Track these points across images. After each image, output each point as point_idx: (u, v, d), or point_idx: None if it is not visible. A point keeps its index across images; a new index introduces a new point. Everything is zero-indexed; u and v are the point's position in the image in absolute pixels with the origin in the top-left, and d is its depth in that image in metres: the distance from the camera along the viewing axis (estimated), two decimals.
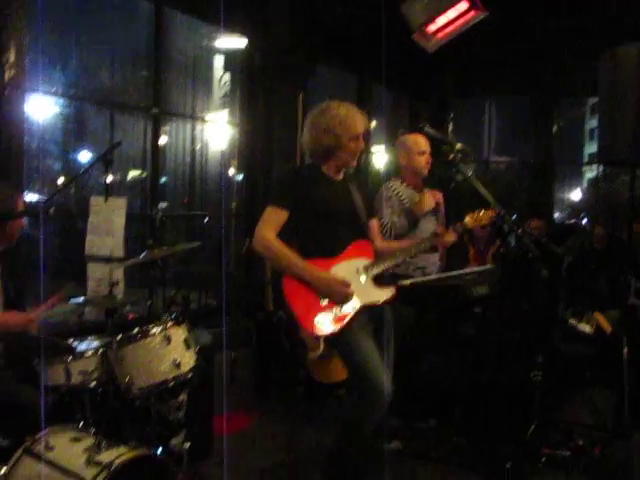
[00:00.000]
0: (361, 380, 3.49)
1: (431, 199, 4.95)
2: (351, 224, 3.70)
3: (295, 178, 3.75)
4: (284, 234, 3.62)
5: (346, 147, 3.64)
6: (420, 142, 4.80)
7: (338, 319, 3.48)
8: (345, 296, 3.50)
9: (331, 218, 3.64)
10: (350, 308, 3.50)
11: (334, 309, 3.49)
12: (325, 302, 3.50)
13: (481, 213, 3.79)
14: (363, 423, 3.56)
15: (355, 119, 3.65)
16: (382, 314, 3.70)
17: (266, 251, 3.59)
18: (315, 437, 4.61)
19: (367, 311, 3.57)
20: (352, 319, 3.49)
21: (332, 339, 3.58)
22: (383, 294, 3.62)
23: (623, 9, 7.11)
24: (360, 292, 3.54)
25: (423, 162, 4.80)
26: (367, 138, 3.90)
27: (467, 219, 3.86)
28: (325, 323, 3.48)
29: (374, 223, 3.98)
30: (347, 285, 3.50)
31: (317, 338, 4.46)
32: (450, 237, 3.87)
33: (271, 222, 3.60)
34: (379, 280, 3.65)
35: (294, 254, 3.55)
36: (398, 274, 4.57)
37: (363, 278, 3.60)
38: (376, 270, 3.63)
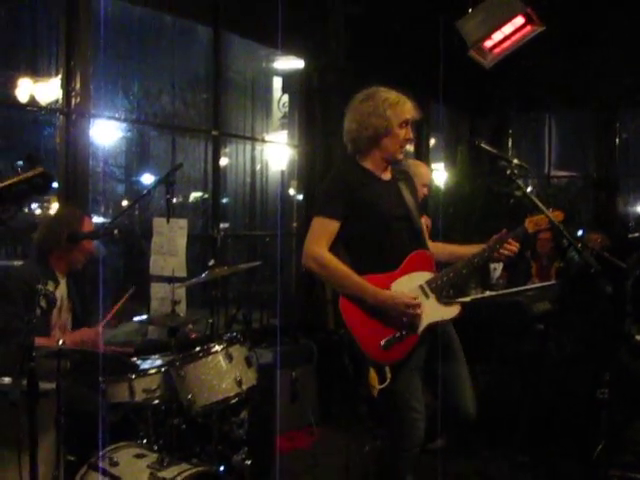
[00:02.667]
0: (397, 422, 3.31)
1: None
2: (407, 230, 3.36)
3: (341, 182, 3.39)
4: (333, 246, 3.30)
5: (394, 134, 3.33)
6: (425, 174, 4.67)
7: (405, 342, 3.20)
8: (416, 317, 3.19)
9: (385, 224, 3.30)
10: (414, 329, 3.21)
11: (401, 331, 3.20)
12: (388, 324, 3.19)
13: (540, 216, 3.56)
14: (396, 465, 3.34)
15: (406, 103, 3.37)
16: (448, 333, 3.46)
17: (317, 268, 3.24)
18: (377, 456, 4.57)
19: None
20: (420, 341, 3.23)
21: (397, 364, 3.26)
22: (449, 311, 3.32)
23: None
24: (426, 310, 3.23)
25: (425, 193, 4.61)
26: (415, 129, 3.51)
27: (526, 222, 3.53)
28: (391, 348, 3.19)
29: (424, 221, 3.64)
30: (418, 305, 3.19)
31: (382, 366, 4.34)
32: (513, 246, 3.43)
33: (320, 235, 3.27)
34: (443, 295, 3.34)
35: (350, 271, 3.21)
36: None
37: (427, 294, 3.28)
38: (440, 284, 3.31)
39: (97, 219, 5.32)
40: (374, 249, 3.32)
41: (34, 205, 6.31)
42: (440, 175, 9.91)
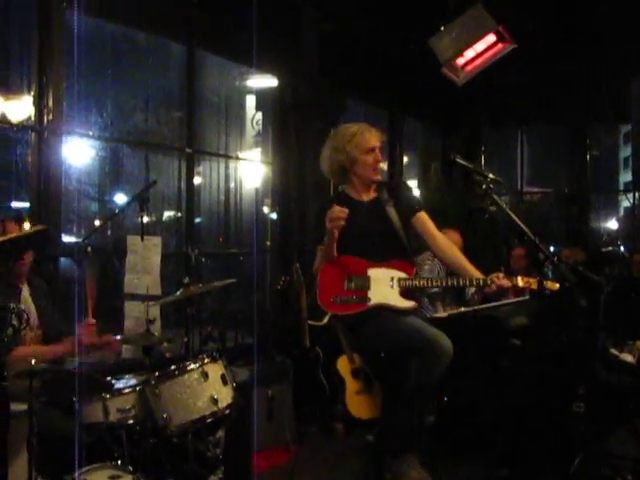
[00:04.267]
0: (412, 340, 3.55)
1: None
2: (387, 244, 3.77)
3: (321, 211, 3.82)
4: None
5: (362, 162, 3.75)
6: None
7: (347, 307, 3.67)
8: (336, 217, 3.57)
9: (365, 240, 3.74)
10: (362, 302, 3.65)
11: (353, 296, 3.65)
12: (347, 288, 3.65)
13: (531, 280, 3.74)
14: (430, 379, 3.57)
15: (365, 134, 3.77)
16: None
17: (316, 271, 3.87)
18: (354, 473, 4.55)
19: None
20: (361, 310, 3.64)
21: (360, 332, 3.77)
22: (403, 302, 3.69)
23: None
24: (382, 293, 3.66)
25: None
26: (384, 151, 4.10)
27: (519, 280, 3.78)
28: (335, 304, 3.70)
29: (423, 216, 3.94)
30: (342, 216, 3.58)
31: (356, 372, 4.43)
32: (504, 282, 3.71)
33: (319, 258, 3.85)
34: (407, 293, 3.71)
35: None
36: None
37: (393, 286, 3.68)
38: (409, 285, 3.70)
39: (70, 238, 5.25)
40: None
41: None
42: (414, 192, 9.95)
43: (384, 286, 3.67)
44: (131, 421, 3.57)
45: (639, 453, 4.65)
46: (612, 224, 14.63)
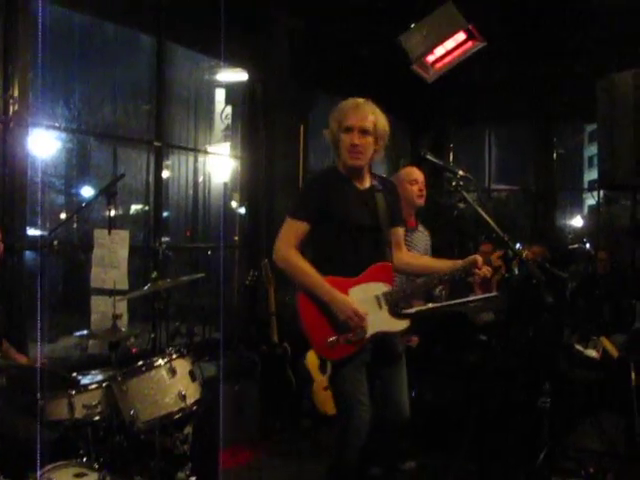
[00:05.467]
0: (344, 412, 3.41)
1: (423, 239, 4.82)
2: (374, 240, 3.47)
3: (315, 186, 3.53)
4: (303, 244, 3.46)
5: (340, 140, 3.42)
6: (412, 172, 4.68)
7: (350, 345, 3.34)
8: (360, 328, 3.31)
9: (352, 232, 3.42)
10: (363, 335, 3.34)
11: (348, 334, 3.32)
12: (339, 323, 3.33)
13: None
14: (343, 456, 3.42)
15: (347, 111, 3.42)
16: (393, 342, 3.56)
17: (284, 265, 3.40)
18: (320, 470, 4.55)
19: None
20: (364, 346, 3.36)
21: (335, 365, 3.46)
22: (398, 324, 3.44)
23: (618, 35, 7.18)
24: (375, 320, 3.37)
25: (415, 191, 4.61)
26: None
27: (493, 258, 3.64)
28: (336, 346, 3.33)
29: (400, 232, 3.71)
30: (363, 318, 3.31)
31: (324, 362, 4.39)
32: (485, 271, 3.50)
33: (290, 235, 3.41)
34: (396, 309, 3.45)
35: (314, 271, 3.35)
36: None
37: (381, 305, 3.40)
38: (395, 297, 3.43)
39: (35, 231, 5.17)
40: (338, 254, 3.44)
41: None
42: None
43: (372, 308, 3.37)
44: (97, 417, 3.54)
45: (602, 447, 4.72)
46: (577, 222, 14.85)
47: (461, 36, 5.61)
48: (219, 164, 7.42)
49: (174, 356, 3.67)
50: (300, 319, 3.38)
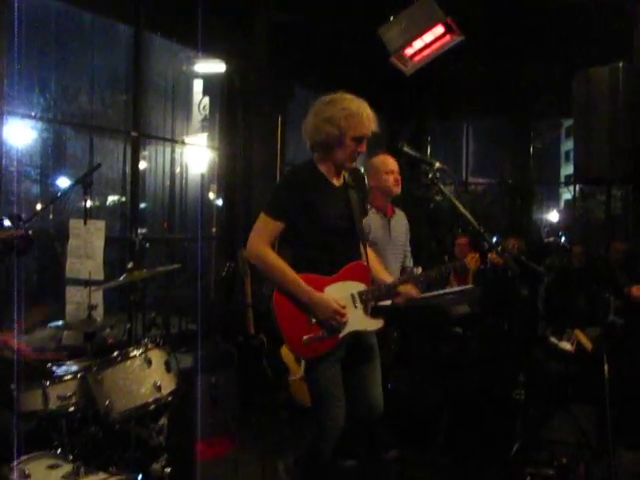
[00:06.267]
0: (318, 407, 3.40)
1: (402, 223, 4.81)
2: (349, 240, 3.46)
3: (293, 182, 3.43)
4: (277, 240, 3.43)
5: (346, 145, 3.35)
6: (387, 161, 4.65)
7: (325, 342, 3.32)
8: (339, 324, 3.31)
9: (328, 232, 3.38)
10: (338, 334, 3.33)
11: (322, 332, 3.31)
12: (313, 322, 3.31)
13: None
14: (317, 450, 3.43)
15: (364, 118, 3.34)
16: (367, 338, 3.55)
17: (258, 262, 3.34)
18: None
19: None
20: (338, 344, 3.35)
21: (310, 361, 3.44)
22: (373, 324, 3.45)
23: (595, 31, 7.24)
24: (351, 318, 3.36)
25: (391, 181, 4.59)
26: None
27: (468, 259, 3.72)
28: (311, 345, 3.30)
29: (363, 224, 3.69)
30: (344, 314, 3.32)
31: (299, 358, 4.40)
32: (411, 290, 3.60)
33: (263, 232, 3.35)
34: (371, 308, 3.46)
35: (289, 269, 3.31)
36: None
37: (356, 304, 3.41)
38: (370, 297, 3.44)
39: (9, 222, 5.12)
40: (314, 252, 3.39)
41: None
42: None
43: (347, 307, 3.35)
44: (72, 408, 3.51)
45: (575, 438, 4.78)
46: (553, 216, 14.98)
47: (440, 29, 5.60)
48: (196, 155, 7.40)
49: (149, 346, 3.65)
50: (276, 318, 3.34)
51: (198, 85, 7.67)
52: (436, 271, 3.65)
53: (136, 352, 3.58)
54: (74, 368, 3.74)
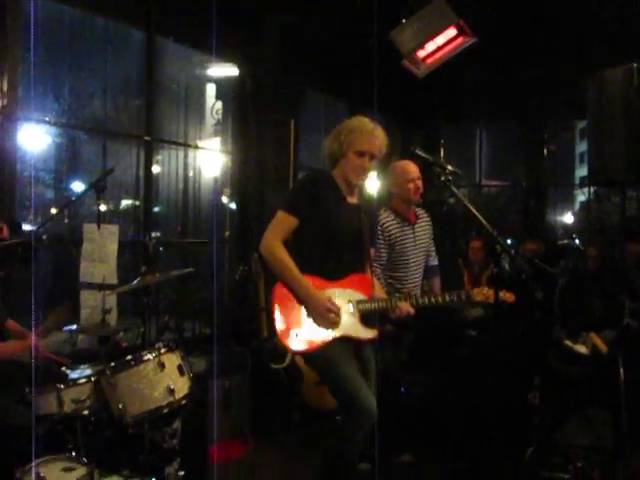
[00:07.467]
0: (345, 400, 3.42)
1: (426, 227, 4.83)
2: (356, 251, 3.59)
3: (312, 183, 3.58)
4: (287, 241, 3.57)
5: (348, 158, 3.54)
6: (409, 168, 4.67)
7: (312, 340, 3.43)
8: (332, 323, 3.43)
9: (338, 239, 3.53)
10: (327, 334, 3.43)
11: (312, 329, 3.43)
12: (308, 319, 3.43)
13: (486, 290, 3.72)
14: (351, 442, 3.46)
15: (363, 135, 3.55)
16: (363, 352, 3.61)
17: (269, 256, 3.49)
18: (311, 465, 4.55)
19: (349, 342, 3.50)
20: (326, 344, 3.43)
21: (309, 359, 3.58)
22: (366, 332, 3.54)
23: (609, 32, 7.21)
24: (345, 323, 3.47)
25: (412, 189, 4.64)
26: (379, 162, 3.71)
27: (475, 293, 3.75)
28: (299, 340, 3.43)
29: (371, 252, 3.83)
30: (337, 312, 3.44)
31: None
32: (404, 308, 3.58)
33: (278, 227, 3.52)
34: (367, 318, 3.56)
35: (295, 266, 3.45)
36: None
37: (352, 311, 3.52)
38: (368, 308, 3.54)
39: (25, 226, 5.16)
40: (320, 256, 3.54)
41: None
42: (373, 184, 9.99)
43: (344, 312, 3.48)
44: (86, 412, 3.52)
45: (590, 442, 4.74)
46: (568, 218, 14.90)
47: (452, 32, 5.61)
48: (209, 159, 7.42)
49: (163, 350, 3.65)
50: (271, 307, 3.48)
51: (211, 89, 7.70)
52: (439, 299, 3.70)
53: (150, 356, 3.59)
54: (88, 372, 3.75)
